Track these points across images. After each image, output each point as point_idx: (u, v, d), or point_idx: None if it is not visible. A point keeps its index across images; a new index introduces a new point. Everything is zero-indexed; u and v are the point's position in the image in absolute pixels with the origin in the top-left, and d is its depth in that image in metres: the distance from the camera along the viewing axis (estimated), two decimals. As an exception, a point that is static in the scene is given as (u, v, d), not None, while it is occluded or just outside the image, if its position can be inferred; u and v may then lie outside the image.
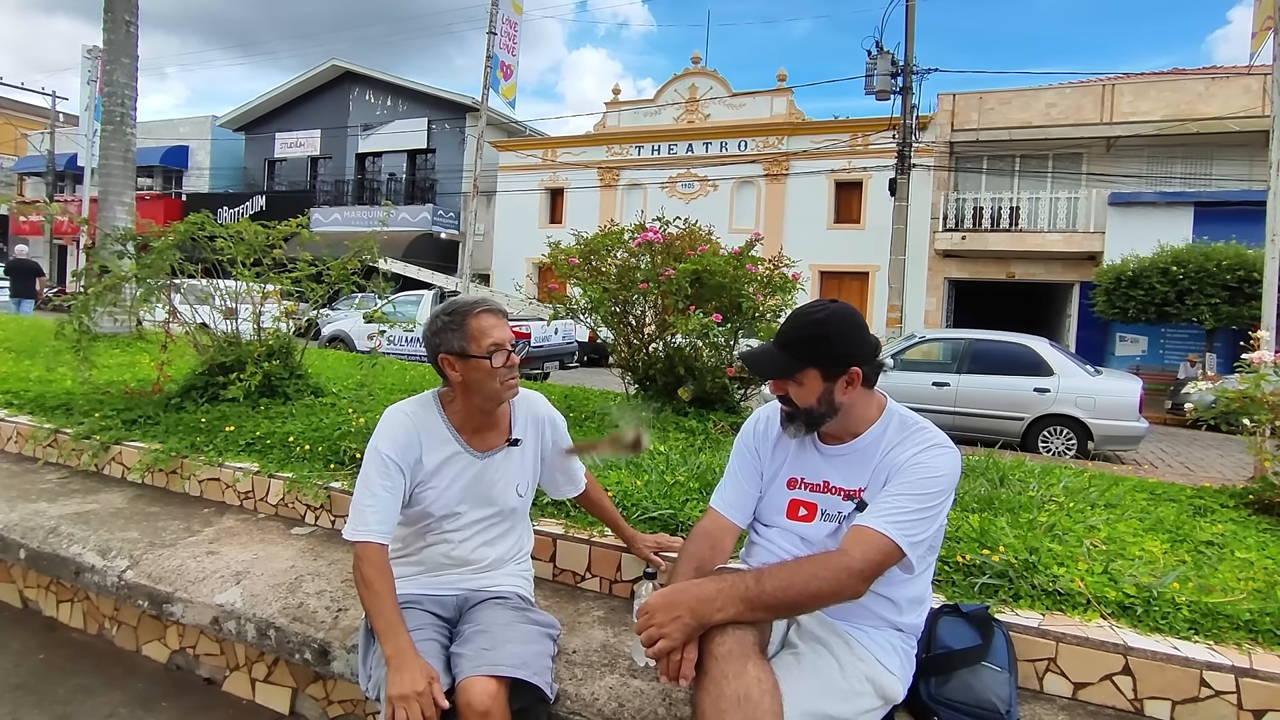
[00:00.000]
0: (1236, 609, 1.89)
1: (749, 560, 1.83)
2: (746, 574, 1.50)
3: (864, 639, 1.61)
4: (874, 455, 1.66)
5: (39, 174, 30.32)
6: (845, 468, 1.70)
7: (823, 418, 1.65)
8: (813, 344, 1.62)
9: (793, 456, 1.79)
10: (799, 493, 1.75)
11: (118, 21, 8.17)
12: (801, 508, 1.73)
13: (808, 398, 1.64)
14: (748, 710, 1.36)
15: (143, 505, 3.20)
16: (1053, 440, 8.41)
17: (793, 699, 1.43)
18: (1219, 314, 12.39)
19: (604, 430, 3.80)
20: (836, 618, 1.64)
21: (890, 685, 1.57)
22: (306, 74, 26.37)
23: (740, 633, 1.45)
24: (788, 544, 1.73)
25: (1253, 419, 3.14)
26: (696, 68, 20.87)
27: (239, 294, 4.12)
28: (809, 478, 1.74)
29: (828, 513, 1.69)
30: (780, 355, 1.65)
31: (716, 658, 1.43)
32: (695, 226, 4.73)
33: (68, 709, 2.41)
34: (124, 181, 8.36)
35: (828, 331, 1.62)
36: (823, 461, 1.73)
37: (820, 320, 1.63)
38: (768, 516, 1.80)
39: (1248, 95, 15.33)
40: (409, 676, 1.59)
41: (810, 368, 1.62)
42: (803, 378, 1.63)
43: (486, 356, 1.81)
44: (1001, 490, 2.91)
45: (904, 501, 1.53)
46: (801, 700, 1.44)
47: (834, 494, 1.69)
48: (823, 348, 1.62)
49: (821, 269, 18.88)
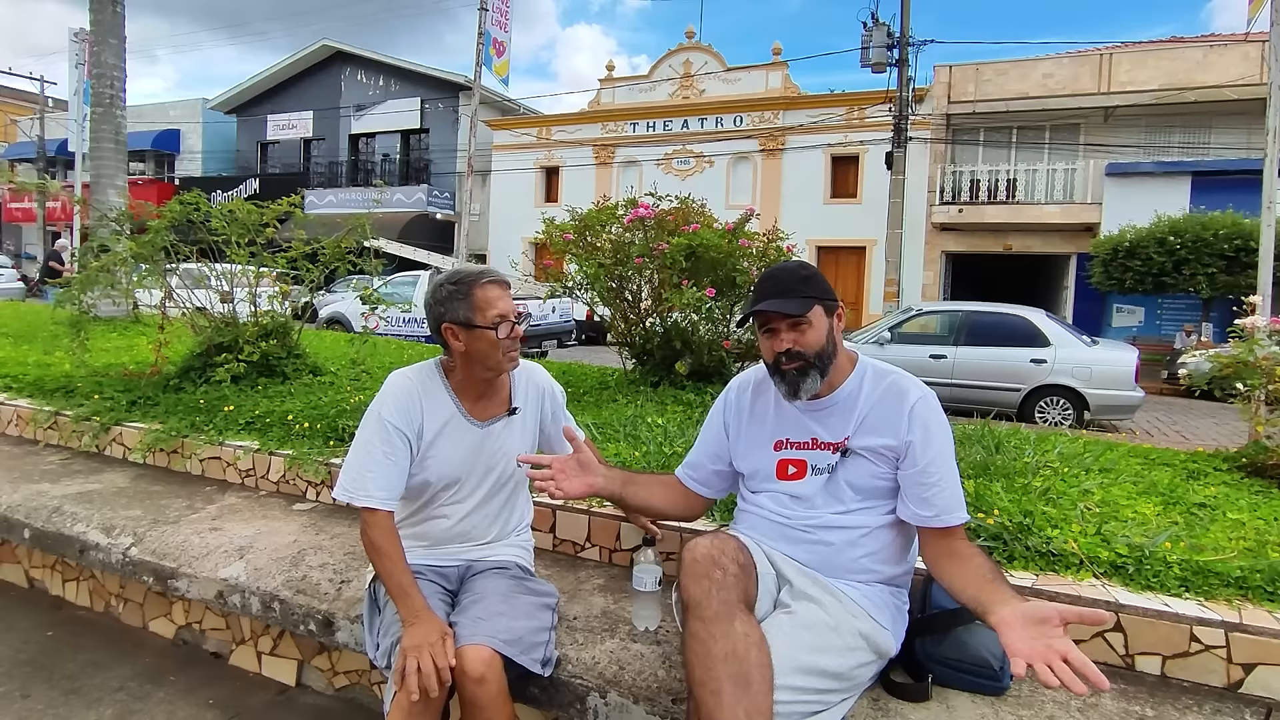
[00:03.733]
0: (1227, 566, 1.92)
1: (738, 526, 1.86)
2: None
3: (855, 594, 1.63)
4: (854, 406, 1.71)
5: (29, 160, 30.01)
6: (829, 421, 1.73)
7: (831, 358, 1.69)
8: (811, 282, 1.69)
9: (773, 420, 1.81)
10: (787, 453, 1.77)
11: (104, 2, 8.07)
12: (791, 466, 1.76)
13: (819, 337, 1.66)
14: (734, 665, 1.40)
15: (145, 484, 3.23)
16: (1049, 411, 8.46)
17: (787, 654, 1.46)
18: (1216, 284, 12.39)
19: (603, 405, 3.82)
20: (827, 574, 1.66)
21: (883, 639, 1.60)
22: (297, 54, 26.06)
23: (724, 594, 1.48)
24: (777, 506, 1.76)
25: (1246, 383, 3.16)
26: (691, 42, 20.67)
27: (234, 275, 4.12)
28: (794, 436, 1.77)
29: (817, 467, 1.72)
30: (788, 300, 1.66)
31: (704, 620, 1.46)
32: (689, 201, 4.72)
33: (77, 684, 2.44)
34: (116, 164, 8.30)
35: (814, 272, 1.73)
36: (807, 419, 1.76)
37: (802, 265, 1.76)
38: (756, 482, 1.83)
39: (1246, 63, 15.20)
40: (422, 629, 1.63)
41: (816, 303, 1.67)
42: (812, 316, 1.66)
43: (492, 327, 1.81)
44: (997, 457, 2.93)
45: (951, 478, 1.63)
46: (795, 655, 1.47)
47: (822, 449, 1.73)
48: (820, 284, 1.70)
49: (819, 244, 18.83)
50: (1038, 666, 1.22)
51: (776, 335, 1.68)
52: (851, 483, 1.69)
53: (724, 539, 1.60)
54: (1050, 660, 1.22)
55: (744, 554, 1.59)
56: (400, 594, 1.70)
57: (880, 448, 1.67)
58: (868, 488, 1.68)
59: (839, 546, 1.67)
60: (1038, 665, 1.22)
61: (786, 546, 1.72)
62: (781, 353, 1.67)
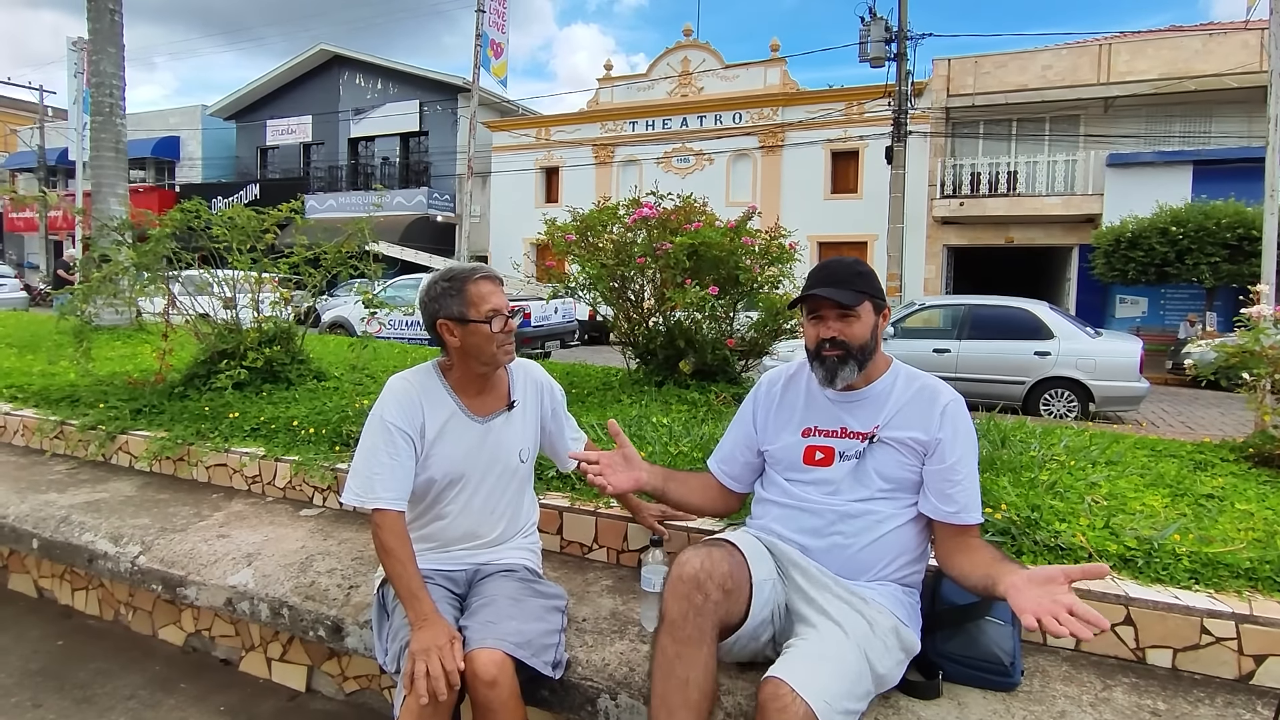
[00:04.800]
0: (1236, 558, 1.91)
1: (755, 521, 1.86)
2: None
3: (877, 596, 1.64)
4: (886, 400, 1.76)
5: (30, 170, 30.10)
6: (860, 412, 1.77)
7: (871, 353, 1.74)
8: (865, 279, 1.73)
9: (803, 409, 1.85)
10: (815, 439, 1.80)
11: (102, 10, 8.07)
12: (818, 452, 1.78)
13: (864, 331, 1.71)
14: (692, 692, 1.48)
15: (152, 492, 3.23)
16: (1054, 403, 8.44)
17: (842, 666, 1.46)
18: (1219, 273, 12.36)
19: (607, 406, 3.82)
20: (848, 577, 1.67)
21: (909, 637, 1.62)
22: (295, 59, 26.10)
23: (700, 620, 1.51)
24: (800, 490, 1.78)
25: (1252, 373, 3.14)
26: (689, 40, 20.66)
27: (236, 282, 4.12)
28: (824, 424, 1.80)
29: (845, 454, 1.75)
30: (842, 290, 1.70)
31: (676, 639, 1.51)
32: (691, 200, 4.71)
33: (88, 692, 2.45)
34: (116, 173, 8.31)
35: (867, 269, 1.76)
36: (838, 409, 1.79)
37: (858, 261, 1.79)
38: (783, 469, 1.85)
39: (1245, 51, 15.16)
40: (431, 633, 1.63)
41: (866, 299, 1.71)
42: (861, 310, 1.70)
43: (485, 321, 1.84)
44: (1003, 451, 2.92)
45: (973, 480, 1.69)
46: (851, 666, 1.47)
47: (852, 438, 1.76)
48: (873, 281, 1.75)
49: (820, 240, 18.80)
50: (1045, 619, 1.28)
51: (824, 322, 1.72)
52: (879, 470, 1.71)
53: (716, 558, 1.57)
54: (1056, 613, 1.29)
55: (735, 575, 1.57)
56: (410, 597, 1.70)
57: (910, 440, 1.70)
58: (895, 477, 1.71)
59: (858, 537, 1.68)
60: (1045, 618, 1.29)
61: (805, 539, 1.72)
62: (826, 339, 1.71)
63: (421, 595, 1.70)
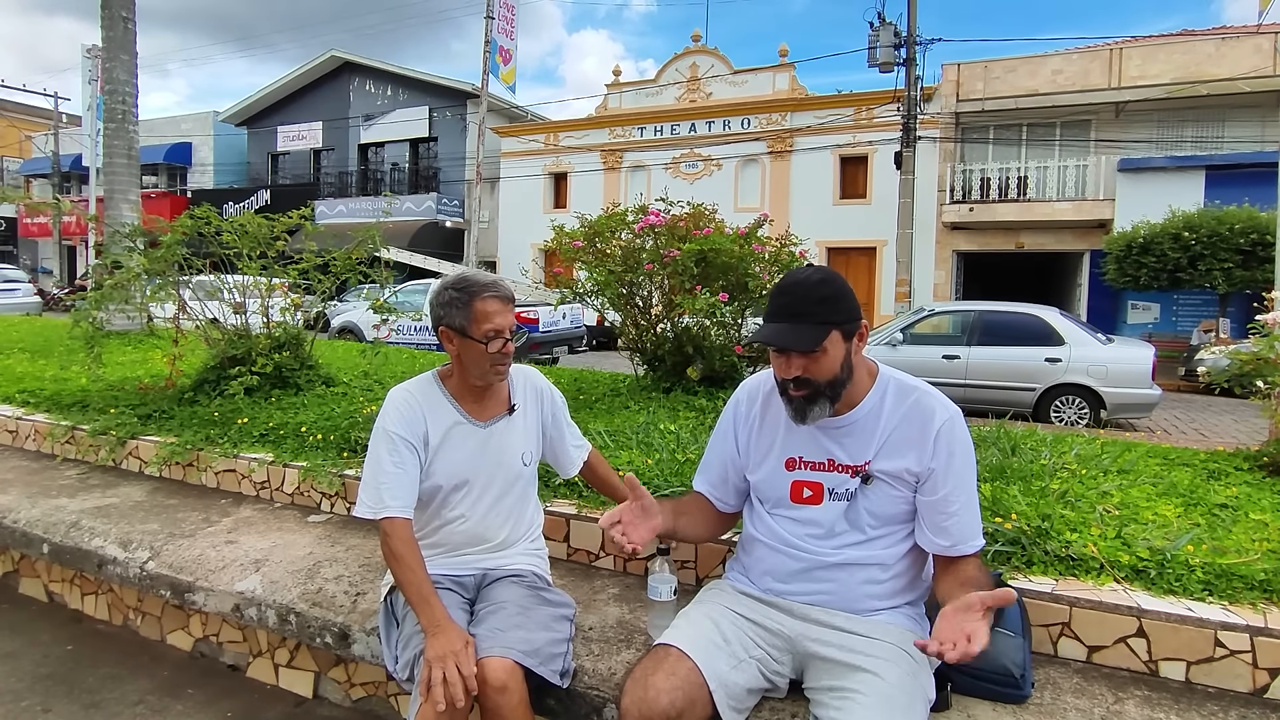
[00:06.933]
0: (1251, 569, 1.89)
1: (744, 559, 1.81)
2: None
3: (894, 619, 1.62)
4: (875, 425, 1.63)
5: (44, 175, 30.45)
6: (848, 442, 1.64)
7: (844, 384, 1.58)
8: (830, 304, 1.55)
9: (784, 434, 1.71)
10: (800, 473, 1.68)
11: (115, 19, 8.16)
12: (806, 489, 1.67)
13: (832, 366, 1.55)
14: None
15: (161, 498, 3.25)
16: (1065, 410, 8.37)
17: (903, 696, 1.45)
18: (1232, 278, 12.26)
19: (615, 412, 3.81)
20: (848, 609, 1.63)
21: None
22: (306, 66, 26.28)
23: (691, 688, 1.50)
24: (791, 535, 1.68)
25: (1266, 381, 3.12)
26: (697, 46, 20.67)
27: (246, 288, 4.15)
28: (810, 456, 1.67)
29: (835, 492, 1.64)
30: (800, 328, 1.55)
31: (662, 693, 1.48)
32: (700, 207, 4.71)
33: (97, 697, 2.46)
34: (129, 179, 8.39)
35: (835, 290, 1.57)
36: (823, 438, 1.66)
37: (824, 280, 1.58)
38: (770, 505, 1.75)
39: (1258, 55, 15.04)
40: (445, 639, 1.63)
41: (833, 329, 1.54)
42: (828, 344, 1.54)
43: (483, 341, 1.85)
44: (1013, 459, 2.90)
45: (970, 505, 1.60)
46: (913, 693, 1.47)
47: (842, 471, 1.64)
48: (839, 305, 1.56)
49: (829, 245, 18.76)
50: (931, 646, 1.34)
51: (787, 359, 1.57)
52: (872, 510, 1.63)
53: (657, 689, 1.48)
54: (955, 639, 1.32)
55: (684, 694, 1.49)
56: (421, 603, 1.70)
57: (903, 472, 1.60)
58: (888, 514, 1.63)
59: (857, 583, 1.62)
60: (934, 646, 1.33)
61: (800, 585, 1.66)
62: (789, 380, 1.58)
63: (433, 601, 1.70)
